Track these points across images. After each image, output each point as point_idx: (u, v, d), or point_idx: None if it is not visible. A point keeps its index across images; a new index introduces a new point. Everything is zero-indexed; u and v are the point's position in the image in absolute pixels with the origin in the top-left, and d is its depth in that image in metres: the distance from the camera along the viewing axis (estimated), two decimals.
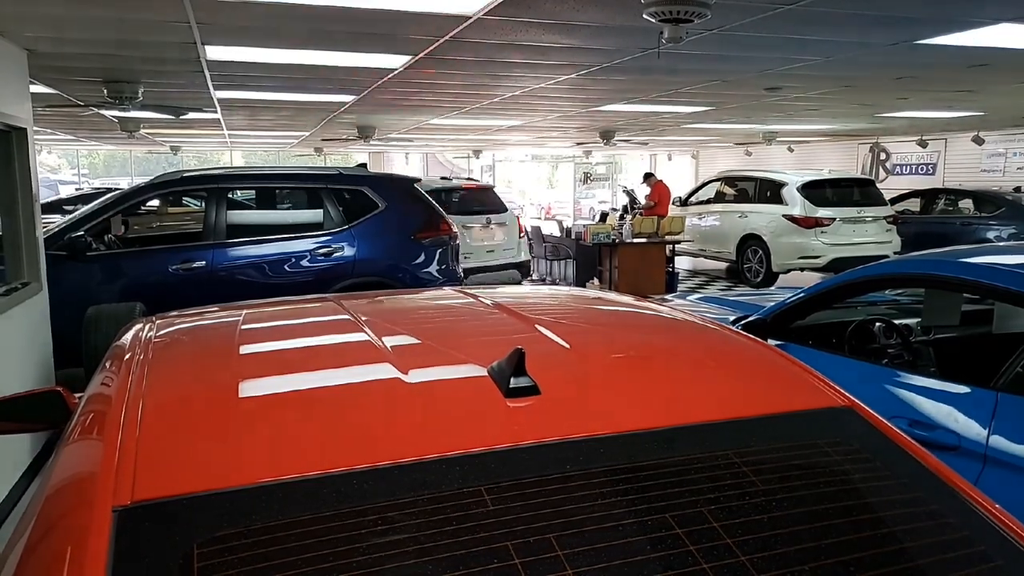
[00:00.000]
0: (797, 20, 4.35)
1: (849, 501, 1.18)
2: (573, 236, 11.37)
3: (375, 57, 5.67)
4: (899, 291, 4.16)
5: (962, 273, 2.85)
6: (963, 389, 2.60)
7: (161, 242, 6.86)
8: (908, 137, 15.28)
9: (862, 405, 1.37)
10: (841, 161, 17.36)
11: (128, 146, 15.35)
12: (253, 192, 7.83)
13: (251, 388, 1.34)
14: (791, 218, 11.26)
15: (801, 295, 3.37)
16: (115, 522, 0.93)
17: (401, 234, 6.85)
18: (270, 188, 7.56)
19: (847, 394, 1.39)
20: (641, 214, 12.92)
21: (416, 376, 1.30)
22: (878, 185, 12.50)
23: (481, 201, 10.67)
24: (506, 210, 10.79)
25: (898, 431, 1.32)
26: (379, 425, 1.18)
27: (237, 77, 6.64)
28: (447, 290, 2.33)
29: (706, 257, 13.61)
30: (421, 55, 5.50)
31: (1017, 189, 12.42)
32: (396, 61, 5.83)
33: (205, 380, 1.42)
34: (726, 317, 3.62)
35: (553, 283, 11.91)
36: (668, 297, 5.95)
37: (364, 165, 8.92)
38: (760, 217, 11.83)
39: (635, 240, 10.83)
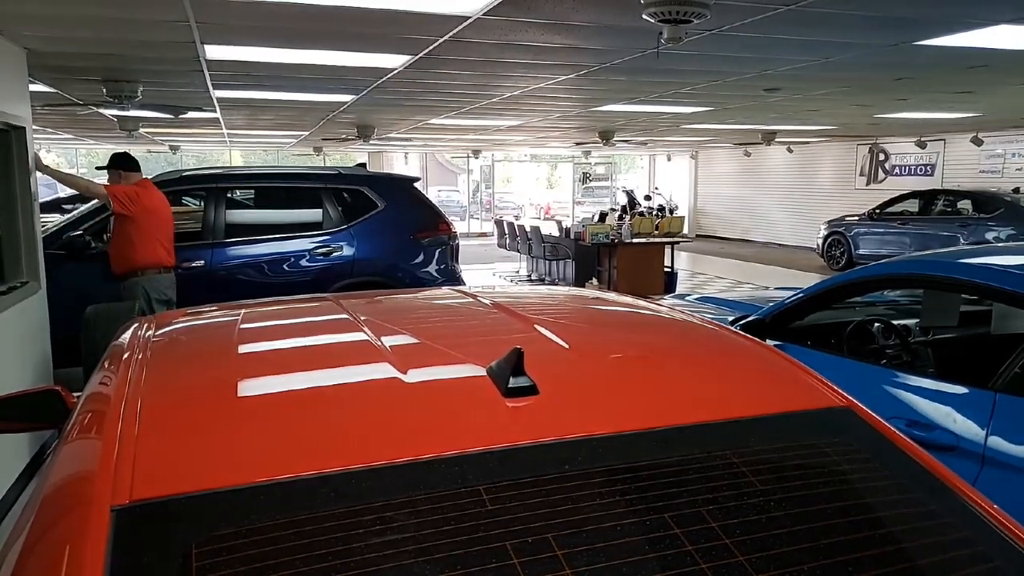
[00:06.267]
0: (796, 21, 4.35)
1: (847, 501, 1.18)
2: (572, 236, 11.37)
3: (374, 57, 5.67)
4: (897, 292, 4.16)
5: (960, 274, 2.85)
6: (961, 390, 2.61)
7: None
8: (907, 138, 15.29)
9: (860, 405, 1.37)
10: (840, 162, 17.38)
11: (127, 145, 15.33)
12: (252, 191, 7.85)
13: (249, 387, 1.34)
14: None
15: (800, 295, 3.38)
16: (113, 521, 0.93)
17: (400, 234, 6.85)
18: (269, 187, 7.55)
19: (845, 394, 1.39)
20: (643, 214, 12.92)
21: (415, 376, 1.30)
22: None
23: None
24: None
25: (896, 431, 1.32)
26: (377, 425, 1.18)
27: (236, 76, 6.64)
28: (446, 290, 2.33)
29: None
30: (421, 55, 5.50)
31: (1016, 190, 12.43)
32: (396, 61, 5.83)
33: (203, 379, 1.42)
34: (725, 317, 3.62)
35: (552, 283, 11.91)
36: (667, 297, 5.96)
37: (363, 165, 8.91)
38: None
39: (634, 240, 10.84)
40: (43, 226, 5.46)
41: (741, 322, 3.37)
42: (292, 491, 1.00)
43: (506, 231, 13.77)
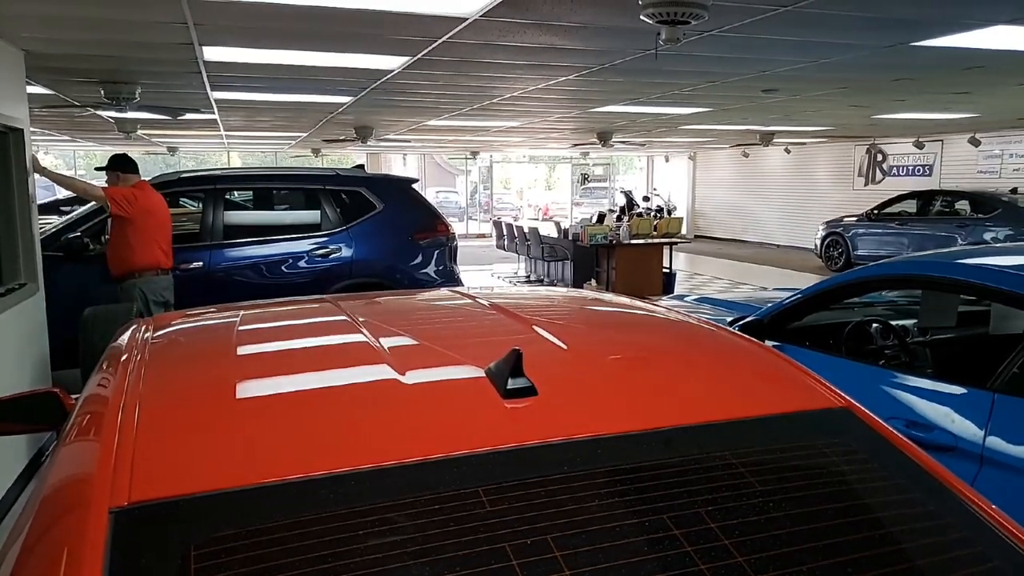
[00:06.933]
0: (794, 22, 4.36)
1: (846, 502, 1.18)
2: (570, 237, 11.37)
3: (373, 58, 5.67)
4: (896, 292, 4.16)
5: (958, 274, 2.86)
6: (960, 390, 2.61)
7: None
8: (905, 138, 15.30)
9: (859, 406, 1.37)
10: (838, 163, 17.40)
11: (125, 147, 15.33)
12: (250, 193, 7.85)
13: (248, 389, 1.34)
14: None
15: (798, 296, 3.38)
16: (111, 523, 0.93)
17: (399, 235, 6.86)
18: (267, 189, 7.56)
19: (844, 395, 1.39)
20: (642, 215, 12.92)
21: (413, 377, 1.30)
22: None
23: None
24: None
25: (895, 432, 1.32)
26: (376, 426, 1.18)
27: (234, 78, 6.64)
28: (444, 291, 2.33)
29: None
30: (419, 56, 5.50)
31: (1013, 190, 12.44)
32: (394, 62, 5.83)
33: (202, 381, 1.42)
34: (723, 318, 3.62)
35: (551, 284, 11.91)
36: (665, 298, 5.96)
37: (362, 166, 8.90)
38: None
39: (632, 241, 10.84)
40: (41, 228, 5.46)
41: (739, 323, 3.38)
42: (290, 493, 1.00)
43: (504, 232, 13.77)
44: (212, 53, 5.38)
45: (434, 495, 1.02)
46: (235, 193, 7.55)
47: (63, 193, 12.75)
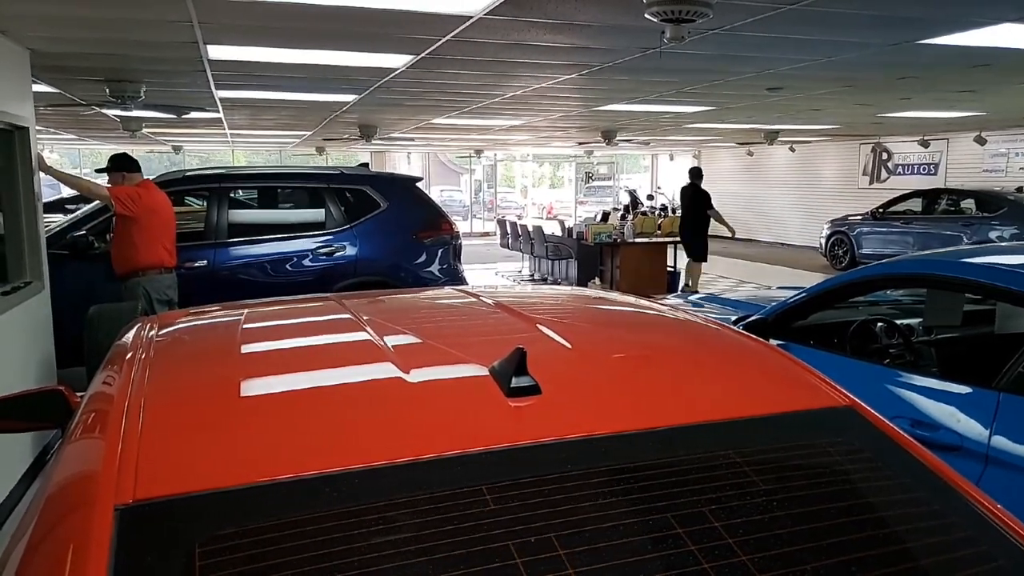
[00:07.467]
0: (799, 20, 4.35)
1: (850, 501, 1.18)
2: (575, 236, 11.37)
3: (377, 57, 5.67)
4: (900, 291, 4.15)
5: (964, 273, 2.85)
6: (965, 389, 2.60)
7: None
8: (910, 137, 15.25)
9: (863, 405, 1.36)
10: (843, 161, 17.35)
11: (130, 145, 15.37)
12: (255, 191, 7.87)
13: (253, 387, 1.34)
14: None
15: (803, 295, 3.37)
16: (117, 521, 0.93)
17: (403, 233, 6.86)
18: (272, 187, 7.57)
19: (848, 394, 1.39)
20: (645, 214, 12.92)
21: (417, 375, 1.30)
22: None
23: None
24: None
25: (900, 431, 1.32)
26: (380, 424, 1.18)
27: (239, 77, 6.65)
28: (448, 289, 2.33)
29: None
30: (423, 55, 5.50)
31: (1019, 189, 12.39)
32: (398, 61, 5.83)
33: (207, 379, 1.42)
34: (727, 317, 3.61)
35: (555, 283, 11.91)
36: (669, 297, 5.95)
37: (366, 164, 8.93)
38: None
39: (637, 240, 10.83)
40: (46, 226, 5.48)
41: (744, 322, 3.37)
42: (295, 491, 1.00)
43: (508, 231, 13.78)
44: (217, 52, 5.39)
45: (438, 494, 1.02)
46: (240, 192, 7.56)
47: (68, 191, 12.80)
